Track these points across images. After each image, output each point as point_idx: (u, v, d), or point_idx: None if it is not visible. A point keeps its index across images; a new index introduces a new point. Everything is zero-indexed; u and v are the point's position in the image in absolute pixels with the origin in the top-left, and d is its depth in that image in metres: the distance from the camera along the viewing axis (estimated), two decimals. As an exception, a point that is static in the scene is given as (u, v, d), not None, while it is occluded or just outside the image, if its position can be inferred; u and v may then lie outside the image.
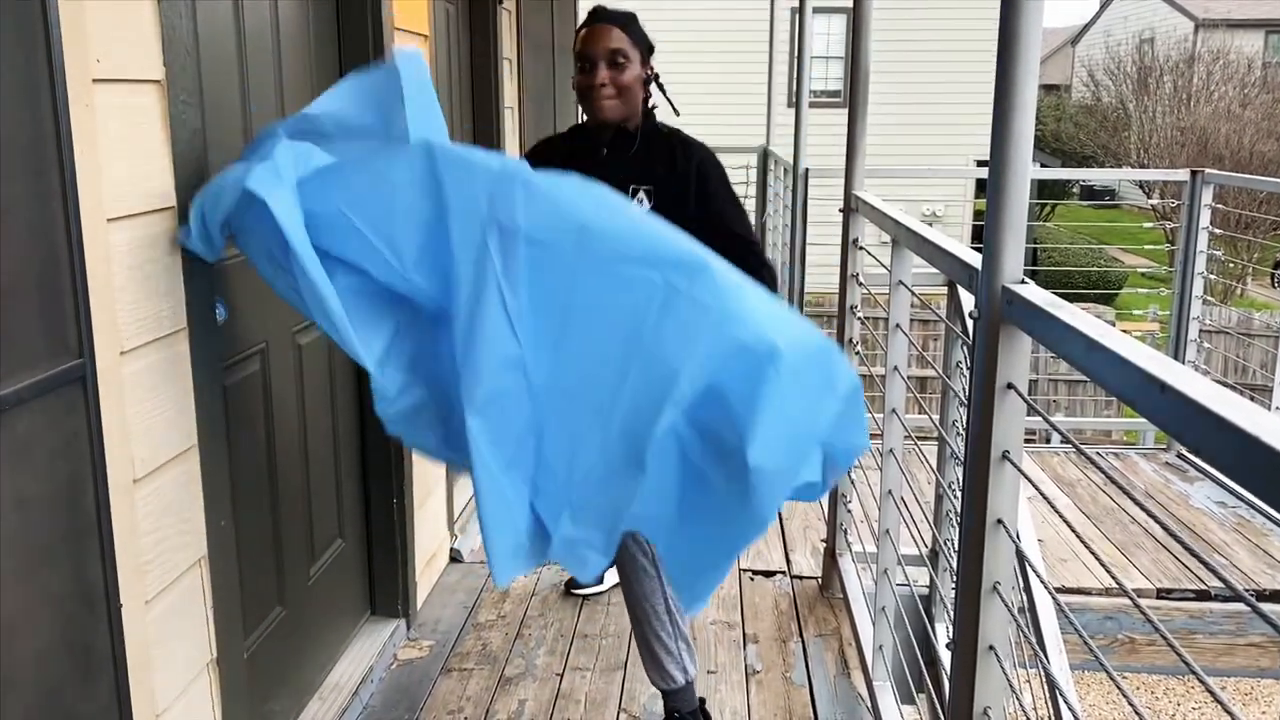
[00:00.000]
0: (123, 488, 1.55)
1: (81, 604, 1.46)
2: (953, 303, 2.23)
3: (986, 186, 1.34)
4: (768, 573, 3.39)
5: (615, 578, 2.65)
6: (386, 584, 2.86)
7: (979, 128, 11.36)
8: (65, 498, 1.42)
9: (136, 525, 1.59)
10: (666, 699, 2.40)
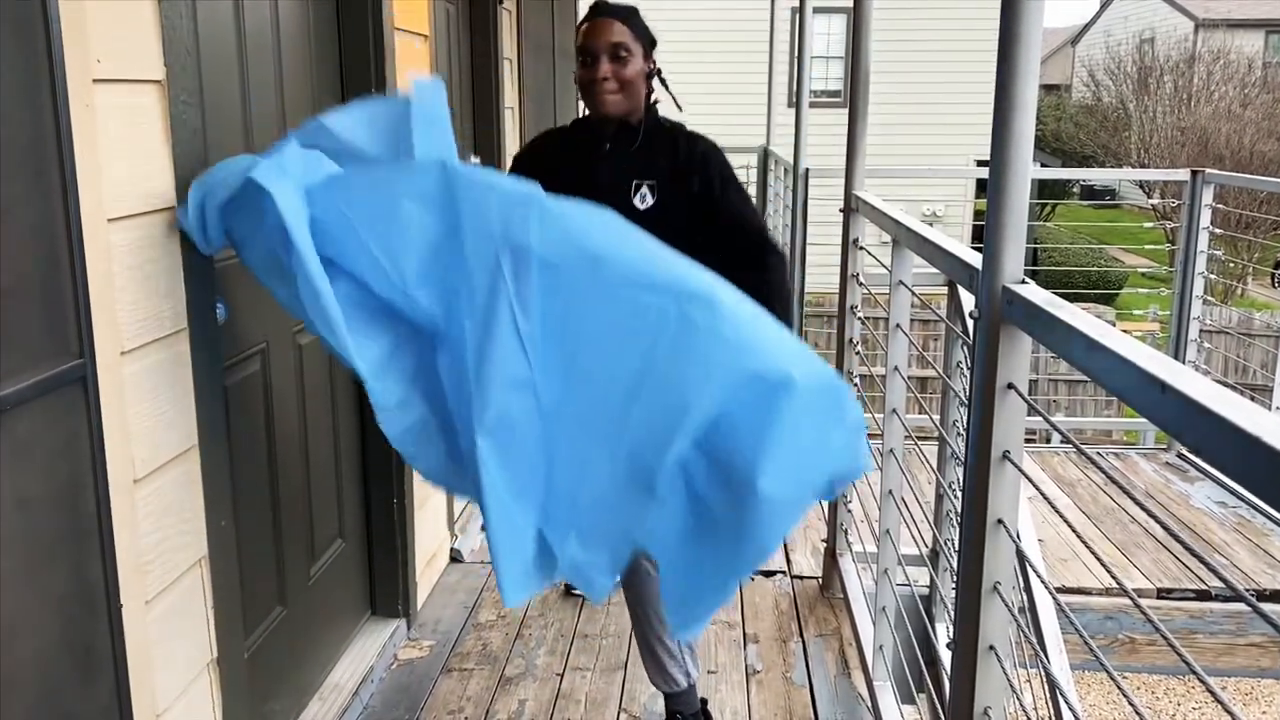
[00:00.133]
0: (123, 488, 1.55)
1: (82, 604, 1.46)
2: (953, 303, 2.23)
3: (987, 186, 1.34)
4: (768, 573, 3.39)
5: (615, 578, 2.65)
6: (387, 584, 2.87)
7: (979, 128, 11.36)
8: (66, 498, 1.42)
9: (137, 525, 1.59)
10: (668, 701, 2.39)
